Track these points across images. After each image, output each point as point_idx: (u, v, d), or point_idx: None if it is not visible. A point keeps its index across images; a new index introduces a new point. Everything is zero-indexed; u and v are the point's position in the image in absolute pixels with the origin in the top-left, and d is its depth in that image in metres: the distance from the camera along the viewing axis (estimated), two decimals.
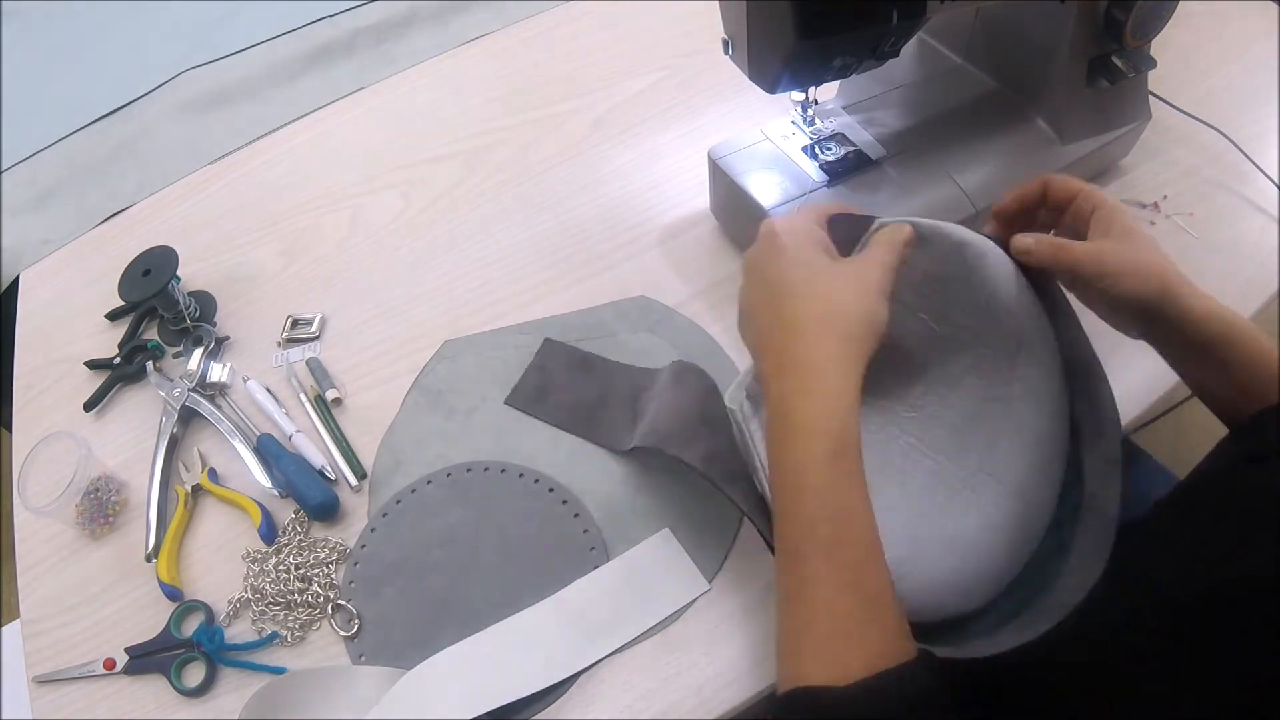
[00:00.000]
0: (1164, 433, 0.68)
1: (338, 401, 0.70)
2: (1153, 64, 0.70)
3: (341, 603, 0.60)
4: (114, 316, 0.80)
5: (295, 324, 0.76)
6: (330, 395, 0.70)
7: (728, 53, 0.64)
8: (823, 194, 0.69)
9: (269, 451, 0.66)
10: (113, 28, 1.10)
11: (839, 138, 0.73)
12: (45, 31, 1.12)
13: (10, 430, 0.73)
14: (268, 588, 0.61)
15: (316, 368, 0.72)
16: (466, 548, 0.62)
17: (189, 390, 0.71)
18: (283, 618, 0.60)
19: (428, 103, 0.95)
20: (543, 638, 0.57)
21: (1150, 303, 0.49)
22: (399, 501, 0.64)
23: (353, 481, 0.65)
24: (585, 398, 0.68)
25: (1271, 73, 0.85)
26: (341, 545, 0.63)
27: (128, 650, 0.59)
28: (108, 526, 0.66)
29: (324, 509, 0.63)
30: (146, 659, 0.59)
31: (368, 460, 0.67)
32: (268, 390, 0.71)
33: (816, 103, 0.71)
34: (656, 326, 0.72)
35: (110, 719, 0.57)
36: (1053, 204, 0.54)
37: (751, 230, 0.53)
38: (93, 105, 0.99)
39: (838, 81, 0.73)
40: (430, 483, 0.65)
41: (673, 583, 0.59)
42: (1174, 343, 0.52)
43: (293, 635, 0.59)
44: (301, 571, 0.61)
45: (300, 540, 0.63)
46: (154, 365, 0.73)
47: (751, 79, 0.64)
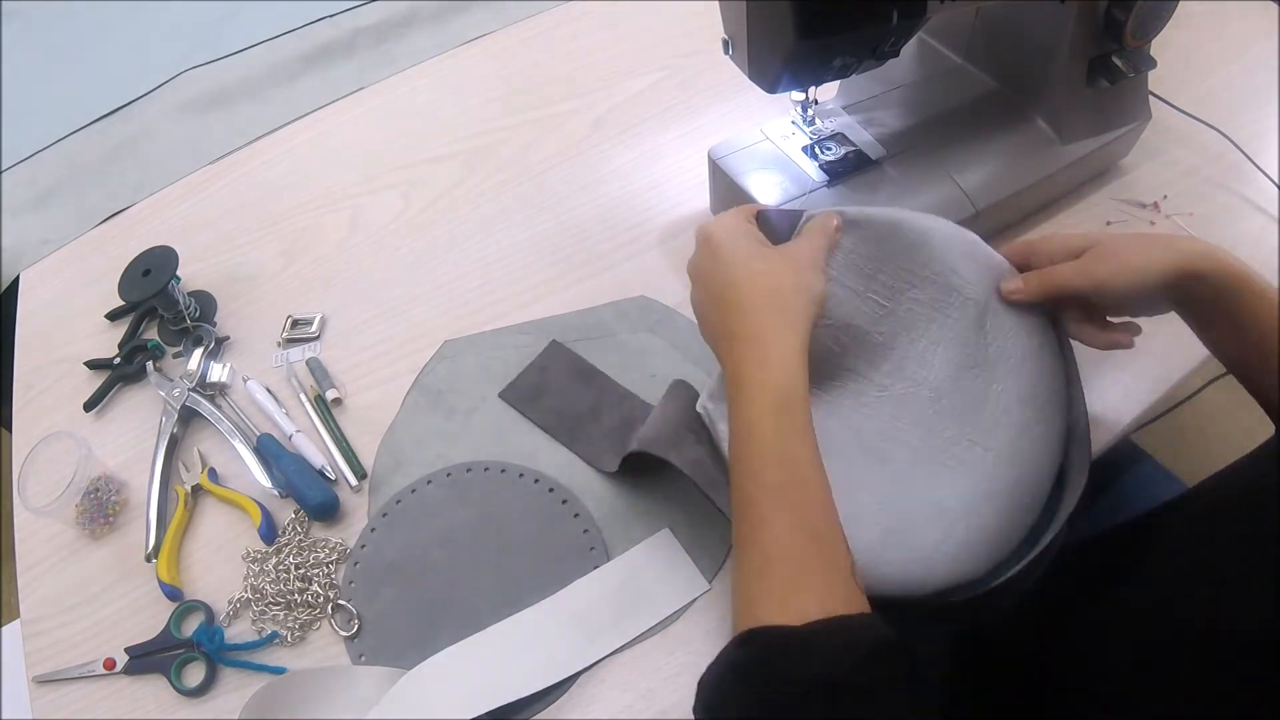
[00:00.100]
0: (1164, 433, 0.68)
1: (338, 401, 0.70)
2: (1153, 64, 0.70)
3: (341, 603, 0.60)
4: (114, 316, 0.80)
5: (295, 324, 0.76)
6: (330, 395, 0.70)
7: (728, 53, 0.64)
8: (823, 194, 0.70)
9: (269, 451, 0.66)
10: (113, 28, 1.10)
11: (839, 138, 0.73)
12: (45, 31, 1.11)
13: (10, 430, 0.73)
14: (268, 588, 0.61)
15: (316, 368, 0.72)
16: (466, 548, 0.62)
17: (189, 390, 0.71)
18: (283, 618, 0.60)
19: (428, 103, 0.95)
20: (543, 638, 0.57)
21: (1171, 276, 0.49)
22: (399, 501, 0.64)
23: (353, 481, 0.65)
24: (578, 408, 0.67)
25: (1271, 73, 0.85)
26: (341, 545, 0.63)
27: (128, 650, 0.59)
28: (108, 526, 0.66)
29: (324, 509, 0.63)
30: (146, 659, 0.59)
31: (368, 460, 0.67)
32: (268, 390, 0.71)
33: (816, 103, 0.71)
34: (656, 326, 0.72)
35: (110, 719, 0.57)
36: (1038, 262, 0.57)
37: None
38: (93, 105, 0.99)
39: (838, 81, 0.73)
40: (430, 483, 0.65)
41: (673, 583, 0.59)
42: (1199, 306, 0.51)
43: (293, 635, 0.59)
44: (301, 571, 0.61)
45: (300, 540, 0.63)
46: (154, 365, 0.73)
47: (751, 79, 0.64)
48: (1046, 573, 0.51)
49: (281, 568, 0.61)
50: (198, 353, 0.73)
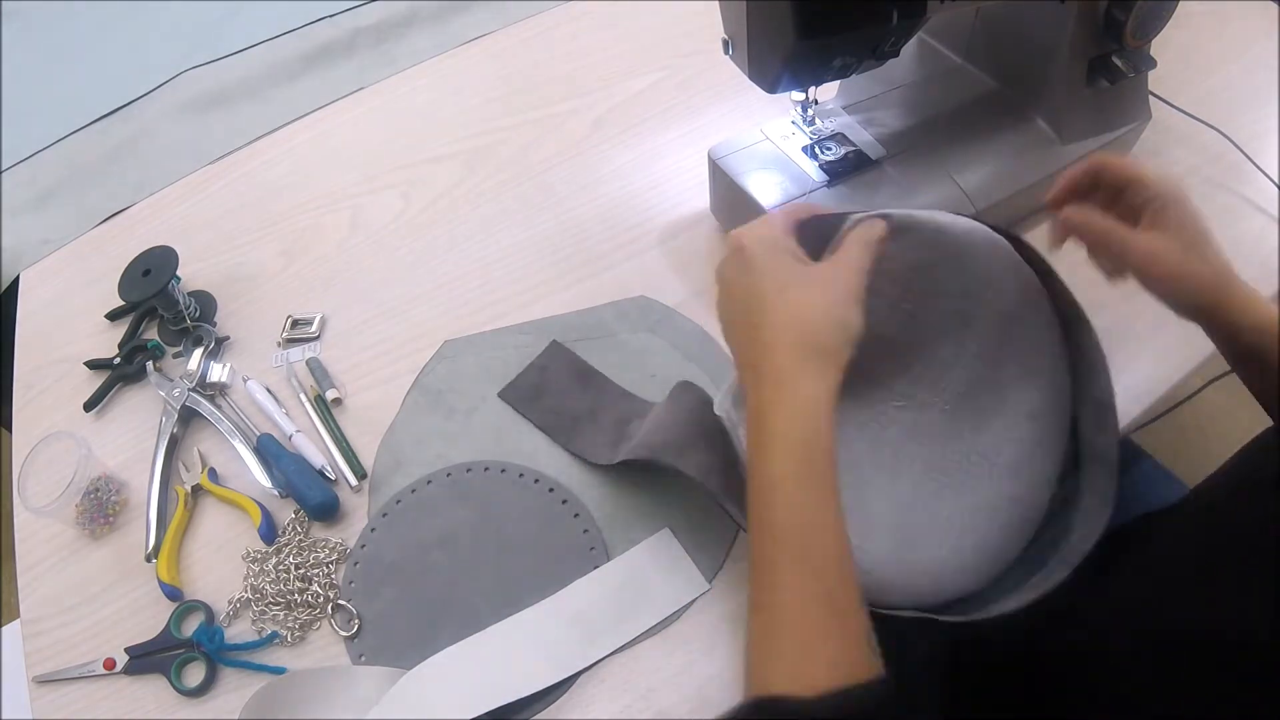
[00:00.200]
0: (1164, 433, 0.68)
1: (338, 401, 0.70)
2: (1153, 64, 0.70)
3: (341, 603, 0.60)
4: (114, 316, 0.80)
5: (295, 324, 0.76)
6: (330, 395, 0.70)
7: (728, 53, 0.64)
8: (822, 194, 0.70)
9: (269, 451, 0.66)
10: (113, 28, 1.10)
11: (839, 138, 0.73)
12: (45, 31, 1.11)
13: (10, 430, 0.73)
14: (268, 588, 0.61)
15: (316, 368, 0.72)
16: (466, 548, 0.62)
17: (189, 390, 0.71)
18: (283, 618, 0.60)
19: (428, 103, 0.95)
20: (543, 638, 0.57)
21: (1200, 311, 0.49)
22: (399, 501, 0.64)
23: (353, 481, 0.65)
24: (576, 408, 0.67)
25: (1271, 73, 0.85)
26: (341, 545, 0.63)
27: (128, 650, 0.59)
28: (108, 526, 0.66)
29: (324, 509, 0.63)
30: (146, 659, 0.59)
31: (368, 460, 0.67)
32: (268, 390, 0.71)
33: (816, 103, 0.71)
34: (656, 326, 0.72)
35: (110, 719, 0.58)
36: (1107, 189, 0.53)
37: None
38: (93, 105, 0.99)
39: (838, 81, 0.73)
40: (430, 483, 0.65)
41: (673, 583, 0.59)
42: (1223, 341, 0.51)
43: (293, 635, 0.59)
44: (301, 571, 0.61)
45: (300, 540, 0.63)
46: (154, 365, 0.73)
47: (751, 79, 0.64)
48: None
49: (281, 568, 0.61)
50: (198, 353, 0.73)
